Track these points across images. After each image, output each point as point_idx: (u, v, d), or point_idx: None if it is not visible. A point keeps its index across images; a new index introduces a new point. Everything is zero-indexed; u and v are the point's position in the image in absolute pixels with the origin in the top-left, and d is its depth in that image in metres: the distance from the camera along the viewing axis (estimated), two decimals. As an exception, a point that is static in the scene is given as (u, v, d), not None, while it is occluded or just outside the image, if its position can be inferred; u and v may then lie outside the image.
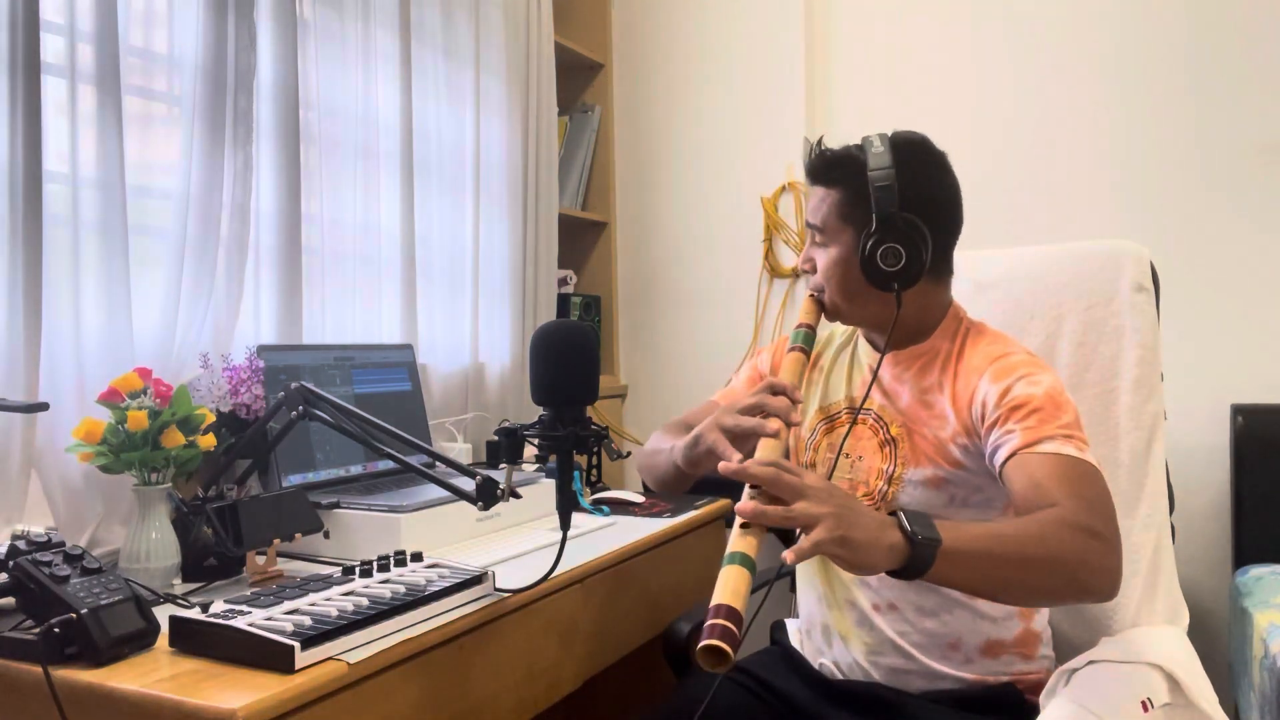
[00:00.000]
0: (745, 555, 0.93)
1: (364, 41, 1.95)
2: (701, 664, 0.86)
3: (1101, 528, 1.01)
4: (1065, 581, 0.99)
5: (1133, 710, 1.08)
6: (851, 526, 0.92)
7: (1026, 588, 1.01)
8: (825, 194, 1.26)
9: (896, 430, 1.25)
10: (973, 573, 0.97)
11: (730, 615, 0.87)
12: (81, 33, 1.41)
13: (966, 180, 1.28)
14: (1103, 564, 1.00)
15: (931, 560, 0.93)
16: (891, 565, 0.94)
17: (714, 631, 0.85)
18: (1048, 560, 0.98)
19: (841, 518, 0.92)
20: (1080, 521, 1.00)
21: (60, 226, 1.39)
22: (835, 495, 0.95)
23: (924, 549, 0.93)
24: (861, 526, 0.92)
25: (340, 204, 1.91)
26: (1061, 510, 1.01)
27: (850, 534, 0.91)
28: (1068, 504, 1.01)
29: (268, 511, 1.33)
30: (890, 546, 0.93)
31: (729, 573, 0.91)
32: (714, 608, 0.88)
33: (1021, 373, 1.16)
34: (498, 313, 2.35)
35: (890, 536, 0.93)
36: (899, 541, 0.93)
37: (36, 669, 0.97)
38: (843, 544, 0.91)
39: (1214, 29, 2.24)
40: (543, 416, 1.20)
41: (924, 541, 0.93)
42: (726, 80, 2.72)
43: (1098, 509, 1.03)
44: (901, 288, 1.20)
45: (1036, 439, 1.09)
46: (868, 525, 0.93)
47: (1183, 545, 1.96)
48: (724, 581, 0.90)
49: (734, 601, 0.88)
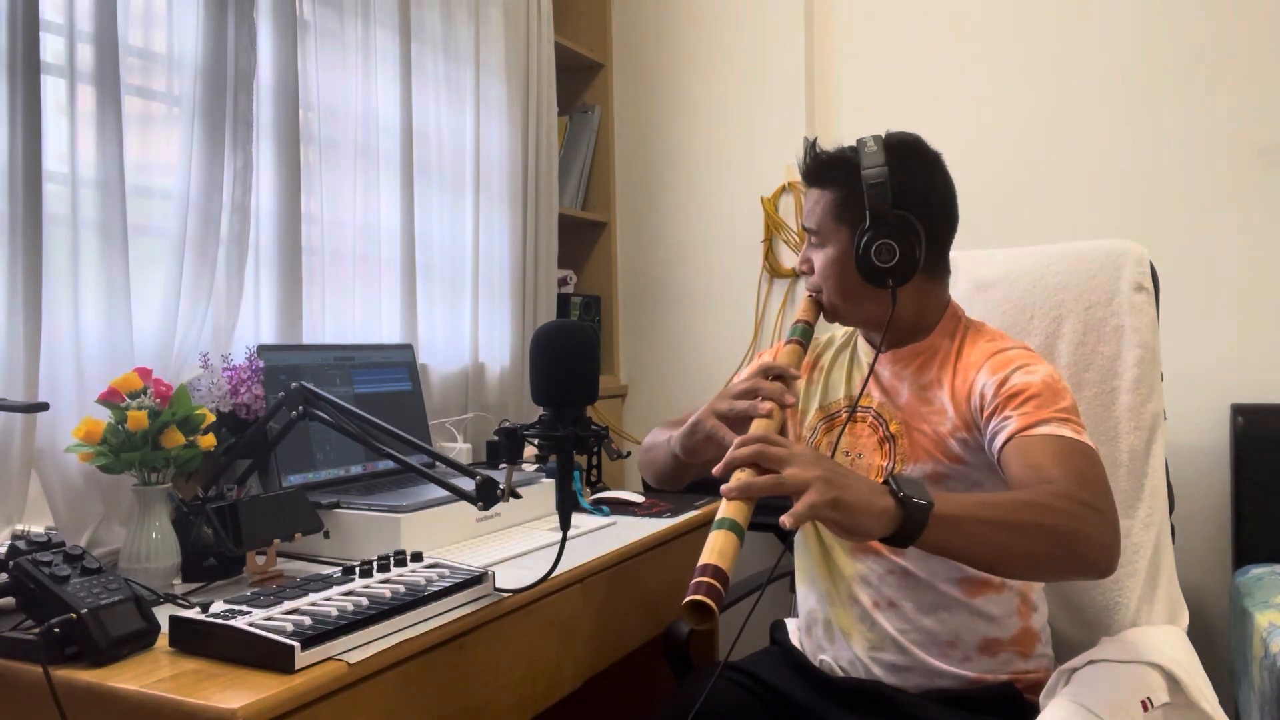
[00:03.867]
0: (734, 522, 0.94)
1: (364, 42, 1.95)
2: (686, 620, 0.88)
3: (1098, 501, 1.01)
4: (1064, 551, 0.98)
5: (1133, 710, 1.08)
6: (843, 489, 0.92)
7: (1024, 556, 0.99)
8: (820, 195, 1.28)
9: (895, 427, 1.26)
10: (968, 538, 0.96)
11: (716, 574, 0.88)
12: (81, 32, 1.41)
13: (966, 180, 1.28)
14: (1100, 536, 0.99)
15: (924, 524, 0.93)
16: (885, 530, 0.94)
17: (699, 589, 0.87)
18: (1044, 528, 0.97)
19: (831, 481, 0.92)
20: (1076, 493, 1.00)
21: (60, 226, 1.39)
22: (823, 460, 0.96)
23: (916, 511, 0.93)
24: (853, 489, 0.93)
25: (340, 204, 1.91)
26: (1058, 485, 1.01)
27: (842, 495, 0.92)
28: (1065, 481, 1.02)
29: (268, 511, 1.33)
30: (882, 510, 0.93)
31: (717, 536, 0.92)
32: (700, 567, 0.89)
33: (1019, 363, 1.17)
34: (498, 313, 2.35)
35: (882, 500, 0.94)
36: (890, 505, 0.94)
37: (36, 669, 0.97)
38: (835, 506, 0.91)
39: (1214, 29, 2.23)
40: (543, 416, 1.20)
41: (915, 505, 0.93)
42: (726, 80, 2.72)
43: (1095, 485, 1.03)
44: (896, 284, 1.21)
45: (1033, 422, 1.10)
46: (859, 488, 0.94)
47: (1183, 545, 1.96)
48: (711, 543, 0.92)
49: (720, 561, 0.90)
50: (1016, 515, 0.97)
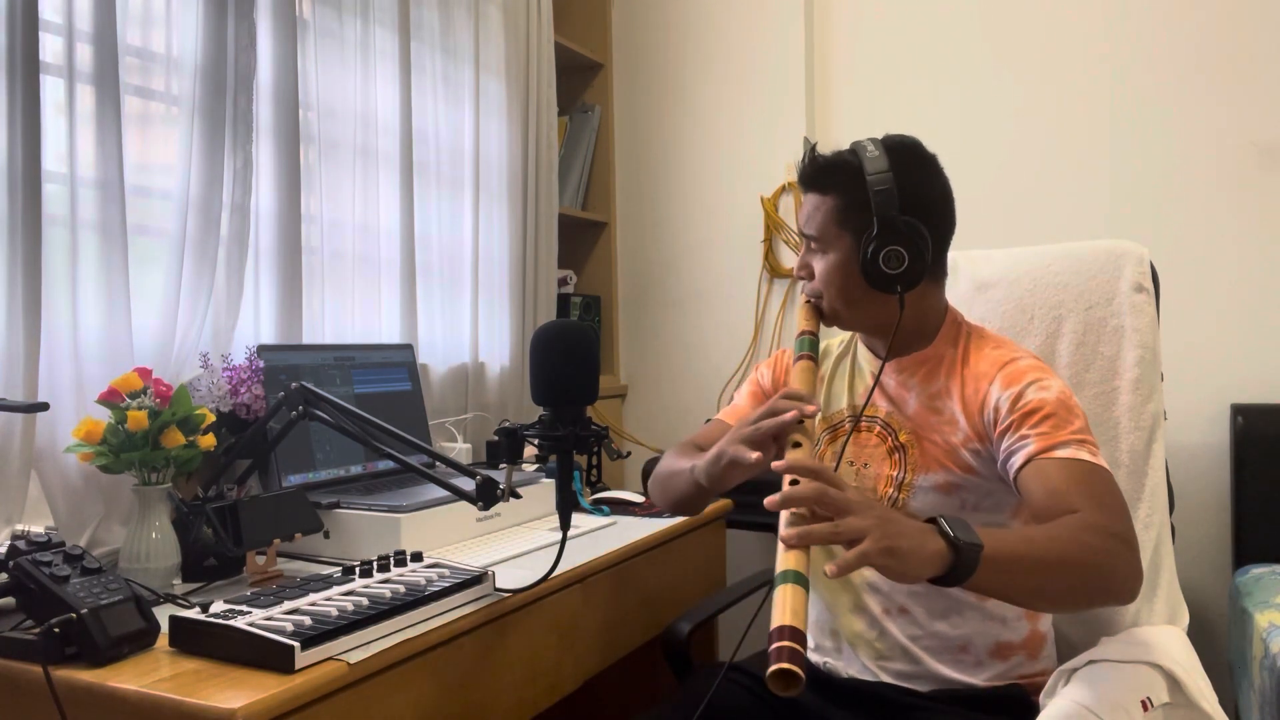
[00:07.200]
0: (798, 573, 0.91)
1: (363, 41, 1.95)
2: (773, 689, 0.83)
3: (1124, 531, 1.04)
4: (1096, 587, 1.02)
5: (1133, 710, 1.08)
6: (896, 536, 0.92)
7: (1058, 592, 1.03)
8: (820, 201, 1.26)
9: (905, 436, 1.25)
10: (1011, 578, 0.98)
11: (795, 636, 0.85)
12: (80, 32, 1.41)
13: (966, 180, 1.28)
14: (1129, 568, 1.03)
15: (975, 565, 0.94)
16: (935, 572, 0.94)
17: (781, 655, 0.83)
18: (1079, 565, 1.00)
19: (886, 529, 0.92)
20: (1104, 526, 1.02)
21: (59, 226, 1.39)
22: (876, 506, 0.96)
23: (968, 554, 0.93)
24: (905, 535, 0.93)
25: (340, 204, 1.91)
26: (1084, 516, 1.03)
27: (896, 544, 0.91)
28: (1089, 510, 1.03)
29: (268, 511, 1.33)
30: (935, 553, 0.93)
31: (785, 592, 0.89)
32: (776, 630, 0.86)
33: (1031, 378, 1.17)
34: (497, 313, 2.35)
35: (933, 544, 0.94)
36: (942, 548, 0.94)
37: (36, 669, 0.97)
38: (889, 554, 0.91)
39: (1214, 29, 2.23)
40: (543, 416, 1.20)
41: (967, 546, 0.93)
42: (726, 80, 2.72)
43: (1118, 514, 1.06)
44: (904, 290, 1.20)
45: (1052, 445, 1.10)
46: (911, 534, 0.93)
47: (1183, 545, 1.96)
48: (781, 601, 0.89)
49: (795, 621, 0.86)
50: (1055, 554, 0.99)
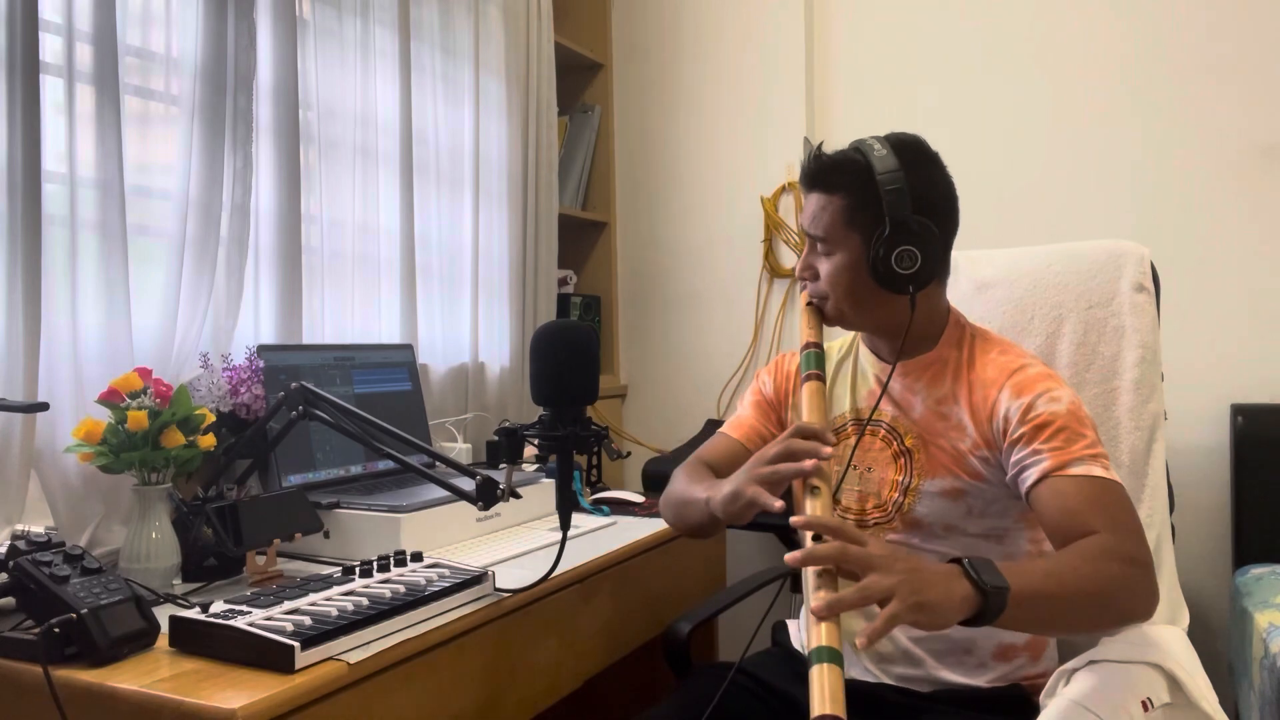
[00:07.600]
0: (832, 649, 0.89)
1: (363, 40, 1.95)
2: None
3: (1141, 554, 1.05)
4: (1116, 613, 1.04)
5: (1133, 710, 1.08)
6: (923, 589, 0.91)
7: (1080, 622, 1.04)
8: (826, 200, 1.22)
9: (911, 441, 1.24)
10: (1036, 614, 0.98)
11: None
12: (80, 32, 1.41)
13: (967, 180, 1.27)
14: (1147, 591, 1.04)
15: (1003, 607, 0.94)
16: (964, 616, 0.93)
17: None
18: (1100, 595, 1.00)
19: (912, 583, 0.91)
20: (1123, 551, 1.03)
21: (59, 226, 1.39)
22: (899, 558, 0.94)
23: (996, 597, 0.93)
24: (932, 586, 0.92)
25: (340, 204, 1.91)
26: (1103, 540, 1.03)
27: (924, 598, 0.90)
28: (1107, 533, 1.04)
29: (268, 511, 1.33)
30: (962, 599, 0.93)
31: (822, 673, 0.87)
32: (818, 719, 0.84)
33: (1042, 389, 1.16)
34: (497, 313, 2.35)
35: (960, 589, 0.93)
36: (969, 592, 0.93)
37: (36, 669, 0.97)
38: (919, 609, 0.90)
39: (1214, 29, 2.23)
40: (543, 416, 1.20)
41: (994, 590, 0.93)
42: (726, 80, 2.72)
43: (1134, 534, 1.06)
44: (915, 290, 1.19)
45: (1065, 461, 1.10)
46: (937, 583, 0.92)
47: (1183, 545, 1.96)
48: (820, 685, 0.86)
49: (835, 708, 0.84)
50: (1077, 587, 1.00)
